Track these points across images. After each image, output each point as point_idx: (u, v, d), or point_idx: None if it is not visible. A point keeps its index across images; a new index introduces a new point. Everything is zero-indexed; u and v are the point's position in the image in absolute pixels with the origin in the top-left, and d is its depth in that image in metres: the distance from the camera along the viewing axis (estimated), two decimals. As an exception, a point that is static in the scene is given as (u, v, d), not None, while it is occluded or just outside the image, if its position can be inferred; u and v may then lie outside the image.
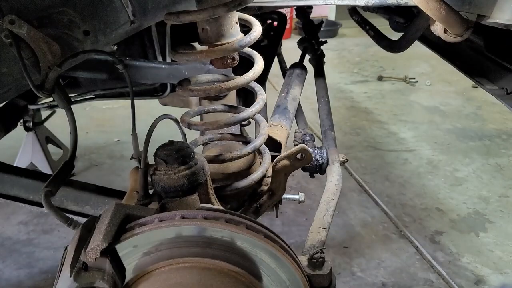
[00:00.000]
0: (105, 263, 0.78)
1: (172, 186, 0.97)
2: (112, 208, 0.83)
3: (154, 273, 0.84)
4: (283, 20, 2.43)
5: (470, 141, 3.90)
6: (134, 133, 1.19)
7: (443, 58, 2.17)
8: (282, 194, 1.24)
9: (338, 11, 7.51)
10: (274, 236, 0.86)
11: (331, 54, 6.15)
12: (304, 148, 1.18)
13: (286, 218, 2.83)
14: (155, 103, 2.14)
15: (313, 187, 3.06)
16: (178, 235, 0.81)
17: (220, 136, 1.32)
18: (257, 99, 1.20)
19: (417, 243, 2.63)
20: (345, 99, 4.83)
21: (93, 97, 1.97)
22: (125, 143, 3.74)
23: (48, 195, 1.01)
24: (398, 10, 2.19)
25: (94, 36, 1.00)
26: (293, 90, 1.89)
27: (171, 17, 1.00)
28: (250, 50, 1.19)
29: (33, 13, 0.93)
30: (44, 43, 0.93)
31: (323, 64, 2.42)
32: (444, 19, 1.13)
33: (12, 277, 2.40)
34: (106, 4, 0.98)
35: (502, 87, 1.77)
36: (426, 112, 4.50)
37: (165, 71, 1.64)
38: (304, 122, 1.90)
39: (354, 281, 2.37)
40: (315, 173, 1.61)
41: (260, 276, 0.85)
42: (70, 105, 1.10)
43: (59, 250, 2.54)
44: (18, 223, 2.80)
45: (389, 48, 2.22)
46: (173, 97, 2.05)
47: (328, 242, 1.84)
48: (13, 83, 1.03)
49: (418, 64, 5.69)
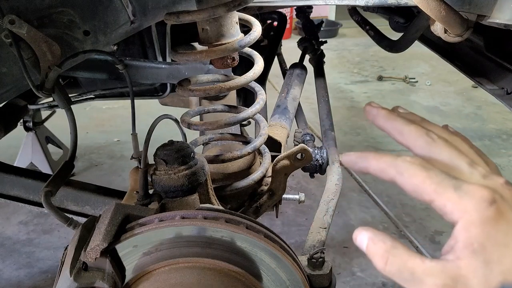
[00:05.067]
0: (105, 263, 0.78)
1: (172, 186, 0.97)
2: (112, 208, 0.83)
3: (154, 273, 0.84)
4: (283, 20, 2.43)
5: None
6: (134, 133, 1.19)
7: (443, 58, 2.17)
8: (282, 194, 1.24)
9: (338, 11, 7.51)
10: (274, 236, 0.86)
11: (331, 54, 6.15)
12: (304, 148, 1.18)
13: (286, 218, 2.83)
14: (155, 103, 2.14)
15: (313, 187, 3.06)
16: (178, 235, 0.81)
17: (220, 136, 1.32)
18: (257, 99, 1.20)
19: (417, 243, 2.63)
20: (345, 99, 4.83)
21: (93, 97, 1.97)
22: (125, 143, 3.74)
23: (48, 195, 1.01)
24: (398, 10, 2.19)
25: (94, 36, 1.00)
26: (293, 90, 1.89)
27: (171, 17, 1.00)
28: (250, 50, 1.19)
29: (33, 13, 0.93)
30: (44, 43, 0.93)
31: (323, 64, 2.42)
32: (444, 19, 1.13)
33: (12, 277, 2.40)
34: (106, 4, 0.99)
35: (502, 87, 1.77)
36: (426, 112, 4.50)
37: (165, 71, 1.64)
38: (304, 122, 1.90)
39: (354, 281, 2.37)
40: (315, 173, 1.61)
41: (260, 276, 0.85)
42: (70, 105, 1.10)
43: (59, 250, 2.54)
44: (18, 223, 2.80)
45: (389, 48, 2.22)
46: (173, 97, 2.05)
47: (328, 242, 1.84)
48: (13, 83, 1.03)
49: (418, 64, 5.69)
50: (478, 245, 0.51)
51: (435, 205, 0.54)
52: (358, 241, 0.58)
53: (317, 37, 2.53)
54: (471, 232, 0.51)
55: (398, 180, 0.56)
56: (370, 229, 0.57)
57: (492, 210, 0.51)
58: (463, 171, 0.57)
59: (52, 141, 3.21)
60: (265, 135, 1.23)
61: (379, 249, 0.55)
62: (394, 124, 0.62)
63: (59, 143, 3.26)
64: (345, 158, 0.63)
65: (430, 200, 0.54)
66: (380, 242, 0.55)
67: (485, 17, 1.17)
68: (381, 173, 0.58)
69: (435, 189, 0.54)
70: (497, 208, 0.52)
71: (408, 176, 0.55)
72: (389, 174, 0.57)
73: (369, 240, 0.56)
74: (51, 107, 2.30)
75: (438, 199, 0.54)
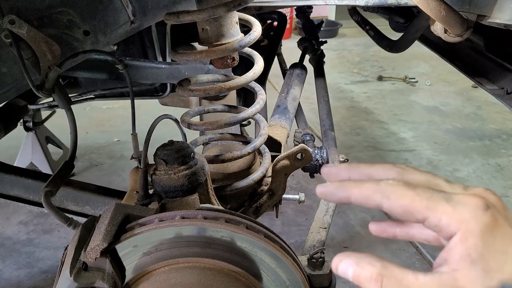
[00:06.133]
0: (105, 263, 0.78)
1: (172, 186, 0.97)
2: (112, 208, 0.83)
3: (154, 273, 0.84)
4: (283, 20, 2.44)
5: (470, 141, 3.90)
6: (134, 133, 1.19)
7: (443, 58, 2.17)
8: (282, 194, 1.24)
9: (338, 11, 7.51)
10: (274, 236, 0.86)
11: (331, 54, 6.15)
12: (304, 148, 1.18)
13: (286, 218, 2.83)
14: (155, 103, 2.14)
15: (313, 187, 3.04)
16: (178, 235, 0.81)
17: (220, 136, 1.32)
18: (257, 99, 1.20)
19: (417, 243, 2.63)
20: (345, 99, 4.83)
21: (93, 97, 1.96)
22: (125, 143, 3.74)
23: (48, 195, 1.01)
24: (398, 10, 2.19)
25: (94, 36, 1.00)
26: (293, 90, 1.89)
27: (171, 17, 1.00)
28: (250, 50, 1.19)
29: (33, 13, 0.93)
30: (44, 43, 0.93)
31: (323, 64, 2.42)
32: (444, 19, 1.13)
33: (12, 277, 2.40)
34: (106, 4, 0.98)
35: (502, 87, 1.77)
36: (426, 112, 4.50)
37: (165, 71, 1.64)
38: (304, 122, 1.90)
39: (354, 281, 2.37)
40: (315, 173, 1.61)
41: (260, 276, 0.85)
42: (70, 105, 1.09)
43: (59, 250, 2.54)
44: (18, 223, 2.80)
45: (389, 48, 2.22)
46: (173, 97, 2.05)
47: (328, 242, 1.84)
48: (13, 83, 1.02)
49: (418, 64, 5.69)
50: (477, 255, 0.49)
51: (429, 222, 0.52)
52: (340, 270, 0.54)
53: (317, 37, 2.54)
54: (468, 242, 0.50)
55: (385, 205, 0.54)
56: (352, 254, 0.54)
57: (488, 216, 0.51)
58: (444, 188, 0.56)
59: (52, 141, 3.21)
60: (265, 135, 1.23)
61: (370, 273, 0.51)
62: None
63: (59, 143, 3.26)
64: (321, 190, 0.59)
65: (423, 218, 0.52)
66: (369, 266, 0.52)
67: (485, 17, 1.17)
68: (365, 201, 0.55)
69: (426, 205, 0.52)
70: (492, 213, 0.51)
71: (396, 198, 0.53)
72: (374, 201, 0.54)
73: (355, 266, 0.53)
74: (51, 107, 2.30)
75: (432, 215, 0.51)
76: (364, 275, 0.52)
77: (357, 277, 0.52)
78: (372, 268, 0.52)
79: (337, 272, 0.54)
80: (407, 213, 0.53)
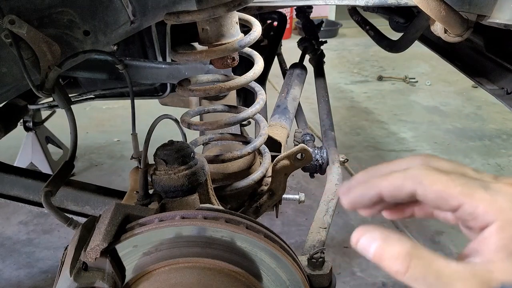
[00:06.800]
0: (105, 263, 0.78)
1: (172, 186, 0.97)
2: (112, 208, 0.83)
3: (154, 273, 0.84)
4: (283, 20, 2.44)
5: (470, 141, 3.90)
6: (134, 133, 1.19)
7: (443, 58, 2.17)
8: (282, 194, 1.24)
9: (338, 11, 7.51)
10: (274, 236, 0.86)
11: (331, 54, 6.15)
12: (304, 148, 1.18)
13: (286, 218, 2.83)
14: (155, 103, 2.14)
15: (313, 187, 3.06)
16: (178, 235, 0.81)
17: (220, 136, 1.32)
18: (257, 99, 1.20)
19: (417, 243, 2.63)
20: (345, 99, 4.83)
21: (93, 97, 1.97)
22: (125, 143, 3.74)
23: (48, 195, 1.01)
24: (398, 10, 2.19)
25: (94, 36, 1.00)
26: (293, 90, 1.89)
27: (171, 17, 1.00)
28: (250, 50, 1.19)
29: (33, 13, 0.93)
30: (44, 43, 0.93)
31: (323, 64, 2.42)
32: (444, 19, 1.13)
33: (12, 277, 2.40)
34: (106, 4, 0.98)
35: (502, 87, 1.77)
36: (426, 112, 4.50)
37: (165, 71, 1.64)
38: (304, 122, 1.90)
39: (354, 281, 2.37)
40: (315, 173, 1.61)
41: (260, 276, 0.85)
42: (70, 105, 1.09)
43: (59, 250, 2.54)
44: (18, 223, 2.80)
45: (389, 48, 2.22)
46: (173, 97, 2.05)
47: (328, 242, 1.84)
48: (13, 83, 1.02)
49: (418, 64, 5.69)
50: None
51: (463, 209, 0.48)
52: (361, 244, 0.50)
53: (317, 37, 2.54)
54: (505, 233, 0.46)
55: (419, 191, 0.50)
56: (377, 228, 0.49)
57: None
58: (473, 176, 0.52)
59: (52, 141, 3.21)
60: (265, 135, 1.23)
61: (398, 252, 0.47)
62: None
63: (59, 143, 3.26)
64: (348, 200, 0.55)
65: (458, 205, 0.49)
66: (397, 243, 0.48)
67: (485, 17, 1.17)
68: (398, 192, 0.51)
69: (461, 191, 0.48)
70: None
71: (429, 183, 0.49)
72: (407, 188, 0.50)
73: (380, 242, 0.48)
74: (51, 107, 2.30)
75: (468, 202, 0.48)
76: (390, 253, 0.47)
77: (380, 254, 0.48)
78: (401, 246, 0.47)
79: (356, 246, 0.50)
80: (441, 199, 0.49)
